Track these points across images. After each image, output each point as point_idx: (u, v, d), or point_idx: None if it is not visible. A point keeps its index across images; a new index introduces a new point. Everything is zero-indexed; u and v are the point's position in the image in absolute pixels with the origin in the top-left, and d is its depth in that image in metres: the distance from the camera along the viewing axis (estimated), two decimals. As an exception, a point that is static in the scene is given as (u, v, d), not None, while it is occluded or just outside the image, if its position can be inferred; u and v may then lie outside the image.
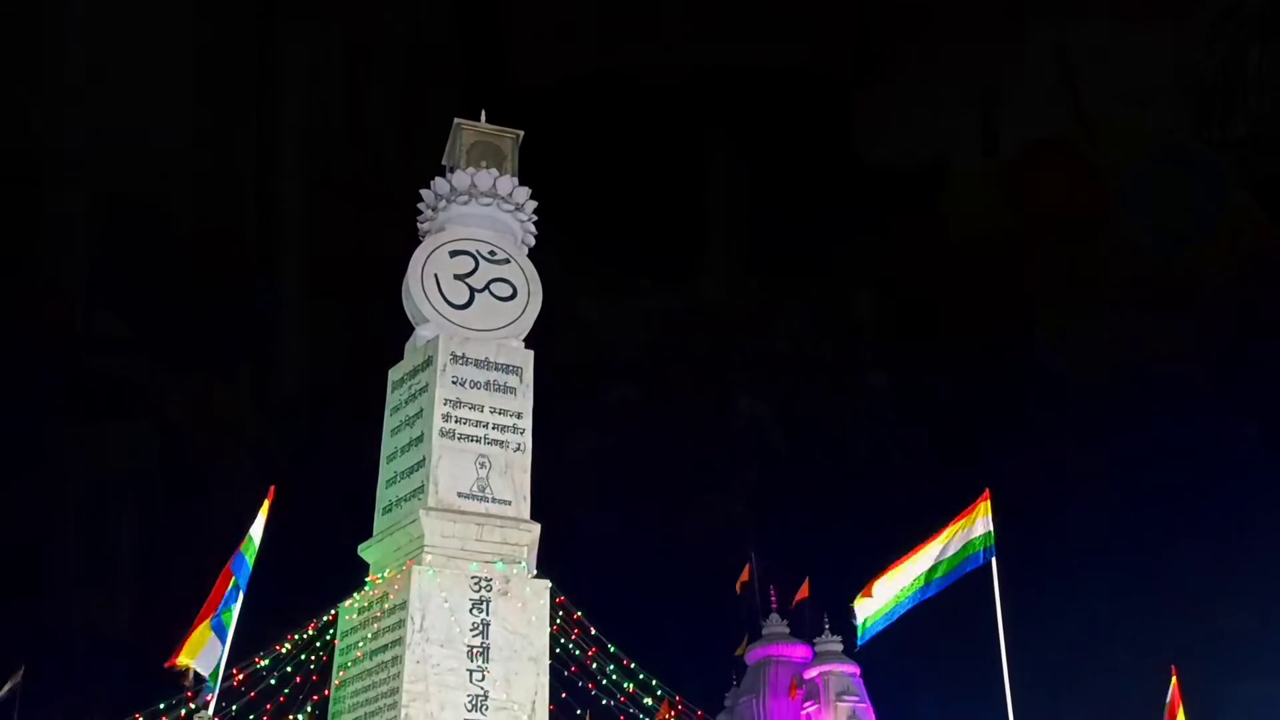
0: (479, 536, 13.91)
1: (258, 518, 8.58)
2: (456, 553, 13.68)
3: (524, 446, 14.77)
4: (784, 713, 59.53)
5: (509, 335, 15.27)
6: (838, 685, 59.75)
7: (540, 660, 13.49)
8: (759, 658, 64.39)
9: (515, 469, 14.58)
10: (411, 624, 12.91)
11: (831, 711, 58.96)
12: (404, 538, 13.96)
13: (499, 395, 14.84)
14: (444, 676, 12.81)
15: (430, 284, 15.18)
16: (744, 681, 63.45)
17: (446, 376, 14.55)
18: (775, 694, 59.76)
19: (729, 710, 59.86)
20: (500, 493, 14.32)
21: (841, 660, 62.09)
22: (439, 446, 14.17)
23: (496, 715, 12.92)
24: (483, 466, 14.39)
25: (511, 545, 14.08)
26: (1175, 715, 12.75)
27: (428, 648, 12.85)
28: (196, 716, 7.80)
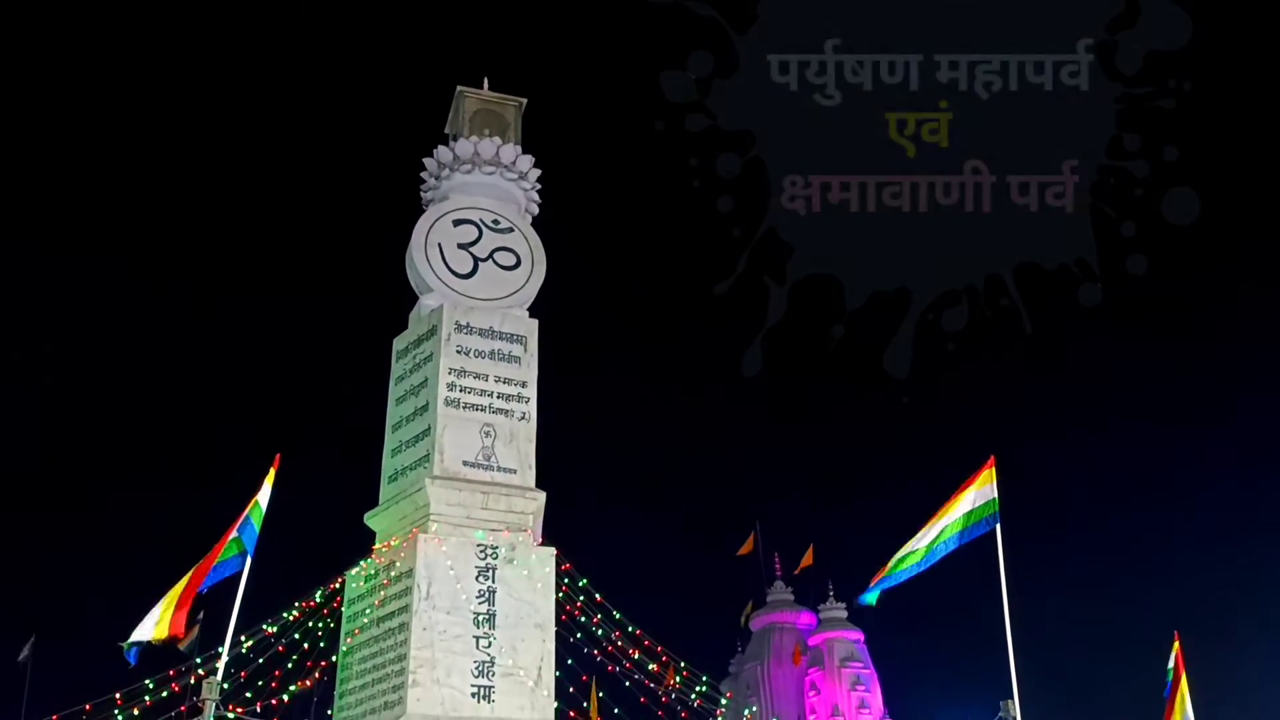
0: (484, 505, 13.98)
1: (263, 486, 8.62)
2: (462, 521, 13.75)
3: (529, 415, 14.81)
4: (788, 679, 60.08)
5: (513, 304, 15.28)
6: (842, 651, 60.33)
7: (546, 627, 13.58)
8: (763, 625, 64.90)
9: (520, 438, 14.63)
10: (418, 591, 12.99)
11: (835, 677, 59.53)
12: (410, 506, 14.03)
13: (503, 364, 14.86)
14: (451, 643, 12.90)
15: (434, 253, 15.17)
16: (748, 648, 63.98)
17: (451, 346, 14.57)
18: (779, 660, 60.32)
19: (734, 677, 60.38)
20: (505, 461, 14.38)
21: (846, 627, 62.60)
22: (444, 416, 14.22)
23: (503, 681, 13.02)
24: (488, 435, 14.43)
25: (517, 513, 14.14)
26: (1179, 680, 12.84)
27: (434, 615, 12.94)
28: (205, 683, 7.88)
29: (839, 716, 55.55)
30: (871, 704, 56.35)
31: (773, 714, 50.97)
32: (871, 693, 56.72)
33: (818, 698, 56.99)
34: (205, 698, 7.91)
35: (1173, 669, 12.91)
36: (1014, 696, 9.57)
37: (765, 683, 58.17)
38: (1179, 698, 12.82)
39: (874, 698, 56.65)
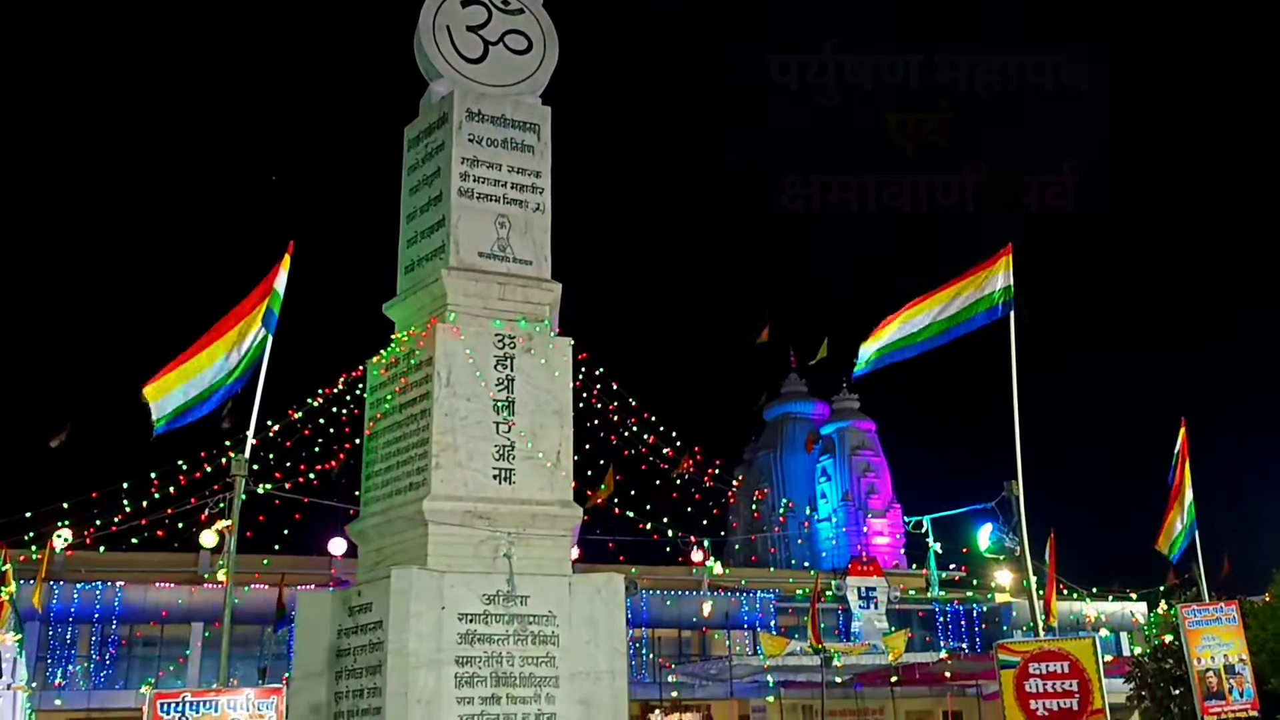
0: (501, 296, 14.04)
1: (278, 272, 8.64)
2: (479, 311, 13.85)
3: (543, 206, 14.67)
4: (800, 466, 62.14)
5: (525, 91, 14.87)
6: (853, 440, 62.04)
7: (564, 414, 13.89)
8: (777, 414, 66.40)
9: (535, 229, 14.54)
10: (438, 379, 13.23)
11: (847, 465, 61.40)
12: (427, 297, 14.11)
13: (517, 154, 14.61)
14: (472, 428, 13.23)
15: (442, 36, 14.66)
16: (762, 437, 65.79)
17: (463, 135, 14.30)
18: (792, 449, 62.24)
19: (747, 464, 62.37)
20: (521, 253, 14.35)
21: (858, 417, 64.00)
22: (458, 206, 14.10)
23: (523, 464, 13.42)
24: (502, 226, 14.34)
25: (534, 304, 14.23)
26: (1183, 465, 13.14)
27: (455, 401, 13.22)
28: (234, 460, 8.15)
29: (849, 502, 57.65)
30: (881, 490, 58.40)
31: (784, 499, 52.86)
32: (881, 479, 58.69)
33: (829, 484, 59.02)
34: (235, 474, 8.20)
35: (1178, 454, 13.18)
36: (1018, 478, 9.82)
37: (778, 470, 60.16)
38: (1181, 483, 13.14)
39: (883, 484, 58.65)
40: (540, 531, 13.25)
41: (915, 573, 50.05)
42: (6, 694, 16.44)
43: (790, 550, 53.51)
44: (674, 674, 36.25)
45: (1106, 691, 8.83)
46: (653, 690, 34.68)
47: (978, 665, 31.03)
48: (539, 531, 13.24)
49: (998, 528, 25.36)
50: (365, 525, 13.94)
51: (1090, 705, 8.62)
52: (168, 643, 32.75)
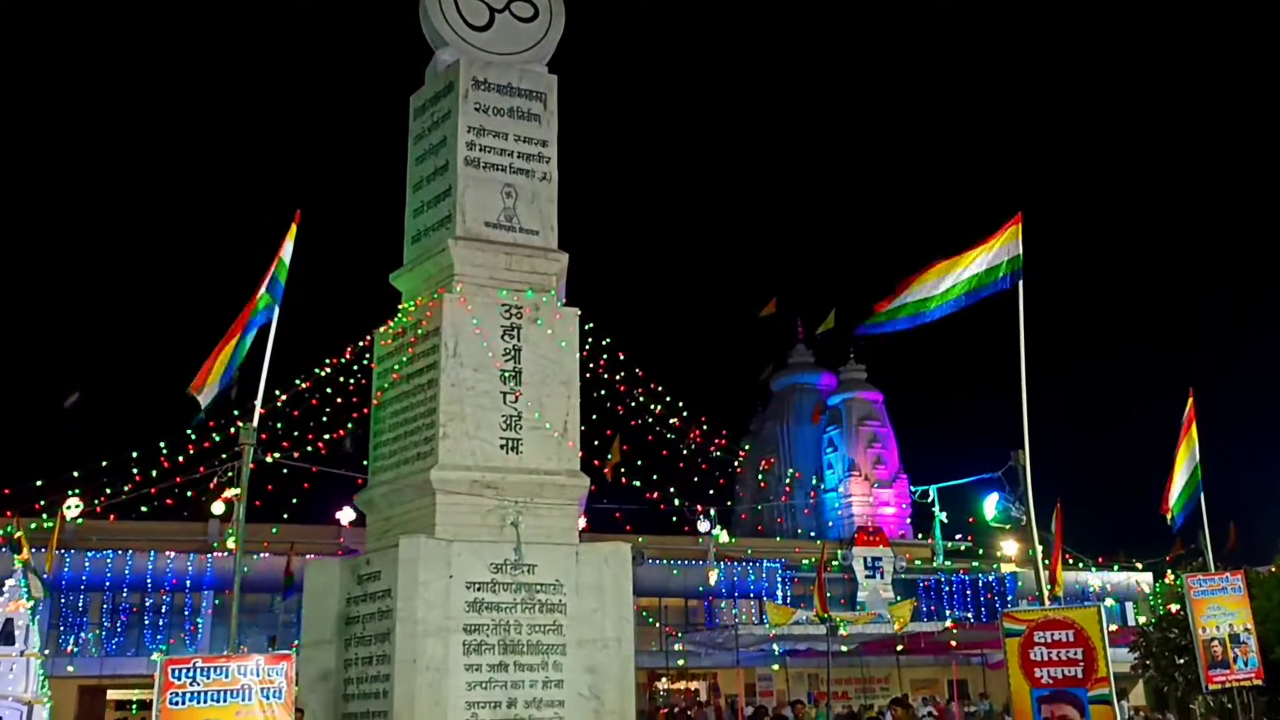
0: (508, 266, 14.03)
1: (285, 243, 8.63)
2: (486, 281, 13.85)
3: (549, 175, 14.63)
4: (807, 437, 62.16)
5: (531, 59, 14.80)
6: (860, 411, 62.09)
7: (571, 384, 13.91)
8: (784, 385, 66.45)
9: (542, 198, 14.51)
10: (445, 350, 13.25)
11: (853, 436, 61.41)
12: (433, 267, 14.11)
13: (523, 123, 14.56)
14: (478, 399, 13.27)
15: (448, 4, 14.58)
16: (769, 408, 65.81)
17: (469, 103, 14.24)
18: (799, 420, 62.21)
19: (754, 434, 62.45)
20: (527, 222, 14.33)
21: (865, 388, 64.01)
22: (464, 175, 14.06)
23: (530, 434, 13.46)
24: (509, 196, 14.31)
25: (540, 275, 14.22)
26: (1187, 431, 13.15)
27: (461, 372, 13.24)
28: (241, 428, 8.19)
29: (855, 472, 57.75)
30: (888, 460, 58.48)
31: (790, 469, 52.98)
32: (888, 450, 58.75)
33: (835, 455, 59.12)
34: (243, 443, 8.23)
35: (1184, 422, 13.19)
36: (1025, 447, 9.82)
37: (784, 440, 60.26)
38: (1184, 451, 13.15)
39: (890, 454, 58.72)
40: (547, 501, 13.31)
41: (921, 543, 50.21)
42: (20, 661, 16.61)
43: (797, 520, 53.71)
44: (680, 643, 36.50)
45: (1111, 661, 8.86)
46: (659, 659, 34.93)
47: (983, 634, 31.19)
48: (546, 501, 13.30)
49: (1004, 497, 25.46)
50: (373, 494, 14.01)
51: (1095, 673, 8.66)
52: (178, 611, 33.03)
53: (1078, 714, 8.60)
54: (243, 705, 7.54)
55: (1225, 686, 12.16)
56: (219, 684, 7.51)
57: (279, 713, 7.61)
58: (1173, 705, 25.40)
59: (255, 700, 7.55)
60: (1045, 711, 8.74)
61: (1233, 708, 14.46)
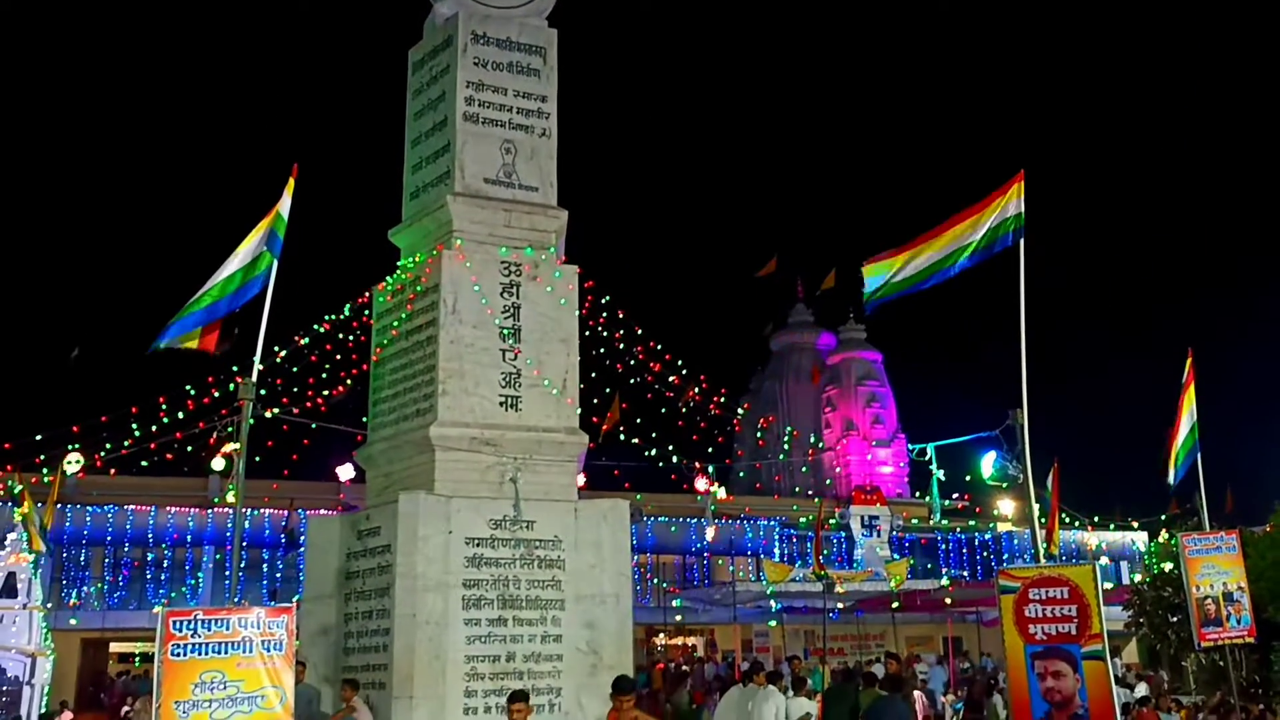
0: (507, 223, 13.98)
1: (283, 196, 8.57)
2: (485, 238, 13.80)
3: (549, 131, 14.53)
4: (806, 396, 62.24)
5: (531, 13, 14.64)
6: (859, 370, 62.13)
7: (570, 342, 13.90)
8: (783, 344, 66.44)
9: (541, 154, 14.42)
10: (444, 306, 13.23)
11: (852, 395, 61.51)
12: (432, 224, 14.05)
13: (522, 78, 14.44)
14: (478, 356, 13.26)
15: (447, -45, 14.39)
16: (768, 367, 65.86)
17: (468, 58, 14.11)
18: (798, 379, 62.26)
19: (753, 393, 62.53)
20: (527, 179, 14.25)
21: (864, 347, 64.02)
22: (463, 131, 13.96)
23: (529, 391, 13.47)
24: (508, 152, 14.22)
25: (540, 231, 14.17)
26: (1186, 392, 13.17)
27: (461, 329, 13.23)
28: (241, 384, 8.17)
29: (854, 431, 57.91)
30: (886, 419, 58.63)
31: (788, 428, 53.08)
32: (886, 409, 58.88)
33: (833, 414, 59.25)
34: (242, 399, 8.23)
35: (1183, 384, 13.21)
36: (1023, 405, 9.83)
37: (783, 399, 60.37)
38: (1184, 411, 13.18)
39: (888, 414, 58.86)
40: (546, 458, 13.36)
41: (918, 501, 50.46)
42: (23, 614, 16.75)
43: (794, 478, 53.93)
44: (678, 599, 36.78)
45: (1105, 619, 8.92)
46: (657, 615, 35.23)
47: (978, 592, 31.43)
48: (545, 458, 13.35)
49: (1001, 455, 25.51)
50: (373, 450, 14.05)
51: (1089, 630, 8.72)
52: (179, 565, 33.27)
53: (1071, 670, 8.68)
54: (243, 657, 7.59)
55: (1217, 644, 12.26)
56: (220, 636, 7.56)
57: (280, 665, 7.67)
58: (1165, 663, 25.65)
59: (256, 652, 7.61)
60: (1039, 667, 8.82)
61: (1224, 665, 14.61)
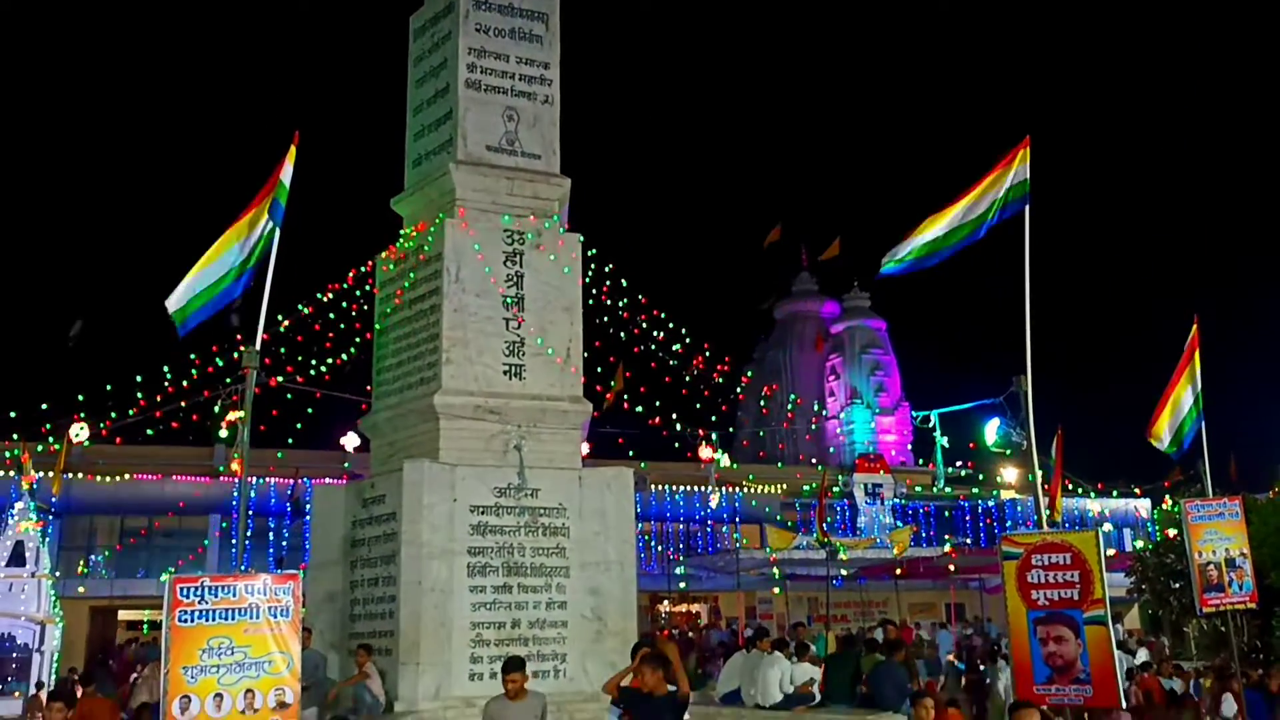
0: (510, 191, 13.93)
1: (284, 164, 8.53)
2: (488, 206, 13.76)
3: (552, 98, 14.45)
4: (810, 364, 62.22)
5: (533, -22, 14.50)
6: (863, 339, 62.09)
7: (574, 310, 13.89)
8: (787, 313, 66.35)
9: (544, 122, 14.35)
10: (447, 275, 13.21)
11: (856, 363, 61.50)
12: (435, 192, 14.00)
13: (525, 44, 14.34)
14: (482, 324, 13.27)
15: (447, -80, 14.25)
16: (772, 335, 65.81)
17: (469, 24, 14.01)
18: (802, 347, 62.23)
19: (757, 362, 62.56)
20: (529, 146, 14.19)
21: (868, 315, 63.94)
22: (465, 99, 13.89)
23: (533, 360, 13.49)
24: (510, 119, 14.15)
25: (543, 200, 14.12)
26: (1188, 357, 13.13)
27: (464, 297, 13.22)
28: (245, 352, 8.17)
29: (857, 399, 57.92)
30: (890, 387, 58.61)
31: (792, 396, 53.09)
32: (890, 377, 58.84)
33: (837, 382, 59.24)
34: (246, 367, 8.24)
35: (1186, 349, 13.17)
36: (1027, 372, 9.83)
37: (787, 368, 60.33)
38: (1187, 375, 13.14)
39: (892, 382, 58.83)
40: (551, 426, 13.39)
41: (922, 469, 50.56)
42: (31, 582, 16.85)
43: (798, 447, 53.99)
44: (682, 566, 36.96)
45: (1108, 585, 8.95)
46: (661, 582, 35.41)
47: (981, 559, 31.57)
48: (549, 426, 13.37)
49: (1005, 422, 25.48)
50: (378, 419, 14.08)
51: (1091, 595, 8.76)
52: (185, 534, 33.43)
53: (1073, 635, 8.72)
54: (250, 623, 7.63)
55: (1219, 610, 12.30)
56: (227, 602, 7.59)
57: (286, 631, 7.72)
58: (1166, 629, 25.78)
59: (263, 618, 7.65)
60: (1041, 632, 8.87)
61: (1226, 631, 14.66)
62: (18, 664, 16.41)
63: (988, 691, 17.53)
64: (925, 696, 9.81)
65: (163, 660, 7.58)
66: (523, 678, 8.75)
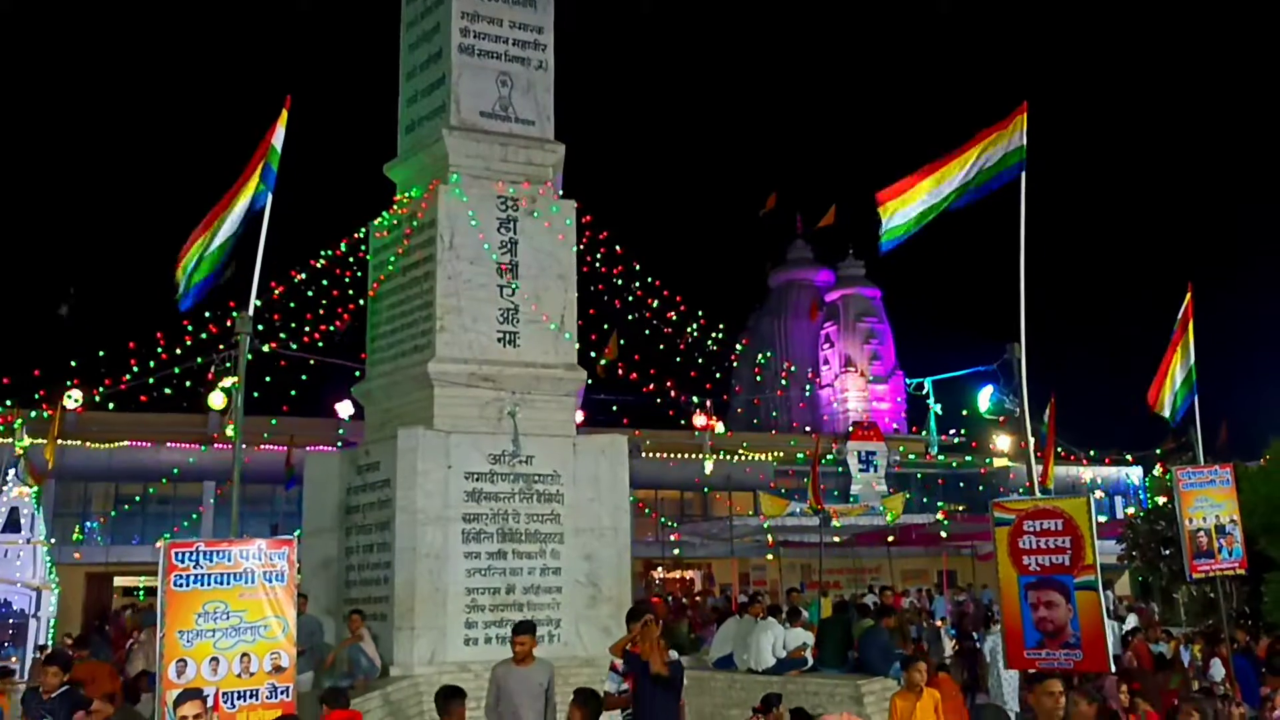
0: (504, 157, 13.86)
1: (276, 128, 8.46)
2: (481, 173, 13.69)
3: (546, 64, 14.35)
4: (804, 333, 62.27)
5: (526, -58, 14.35)
6: (858, 307, 62.11)
7: (568, 277, 13.86)
8: (782, 281, 66.30)
9: (538, 87, 14.26)
10: (441, 242, 13.17)
11: (850, 332, 61.54)
12: (428, 158, 13.92)
13: (519, 8, 14.23)
14: (475, 292, 13.24)
15: (439, -119, 14.08)
16: (766, 303, 65.71)
17: (463, -13, 13.87)
18: (797, 315, 62.22)
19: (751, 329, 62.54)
20: (523, 112, 14.10)
21: (863, 284, 63.87)
22: (458, 64, 13.79)
23: (527, 327, 13.47)
24: (504, 85, 14.05)
25: (537, 166, 14.05)
26: (1185, 326, 13.13)
27: (458, 264, 13.19)
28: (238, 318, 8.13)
29: (851, 368, 58.00)
30: (884, 355, 58.69)
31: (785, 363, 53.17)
32: (884, 345, 58.91)
33: (831, 350, 59.30)
34: (239, 332, 8.21)
35: (1180, 318, 13.16)
36: (1021, 339, 9.82)
37: (781, 335, 60.36)
38: (1181, 344, 13.15)
39: (886, 350, 58.91)
40: (545, 393, 13.39)
41: (915, 437, 50.70)
42: (27, 548, 16.87)
43: (792, 414, 54.12)
44: (676, 533, 37.13)
45: (1099, 553, 8.99)
46: (655, 549, 35.58)
47: (973, 526, 31.74)
48: (543, 393, 13.38)
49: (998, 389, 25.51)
50: (372, 386, 14.08)
51: (1082, 561, 8.79)
52: (181, 501, 33.51)
53: (1064, 600, 8.76)
54: (245, 588, 7.65)
55: (1209, 576, 12.38)
56: (222, 567, 7.61)
57: (281, 596, 7.74)
58: (1156, 595, 26.02)
59: (258, 583, 7.67)
60: (1032, 598, 8.91)
61: (1215, 596, 14.79)
62: (14, 629, 16.45)
63: (980, 658, 17.67)
64: (918, 660, 9.88)
65: (158, 625, 7.60)
66: (532, 641, 8.74)
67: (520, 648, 8.67)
